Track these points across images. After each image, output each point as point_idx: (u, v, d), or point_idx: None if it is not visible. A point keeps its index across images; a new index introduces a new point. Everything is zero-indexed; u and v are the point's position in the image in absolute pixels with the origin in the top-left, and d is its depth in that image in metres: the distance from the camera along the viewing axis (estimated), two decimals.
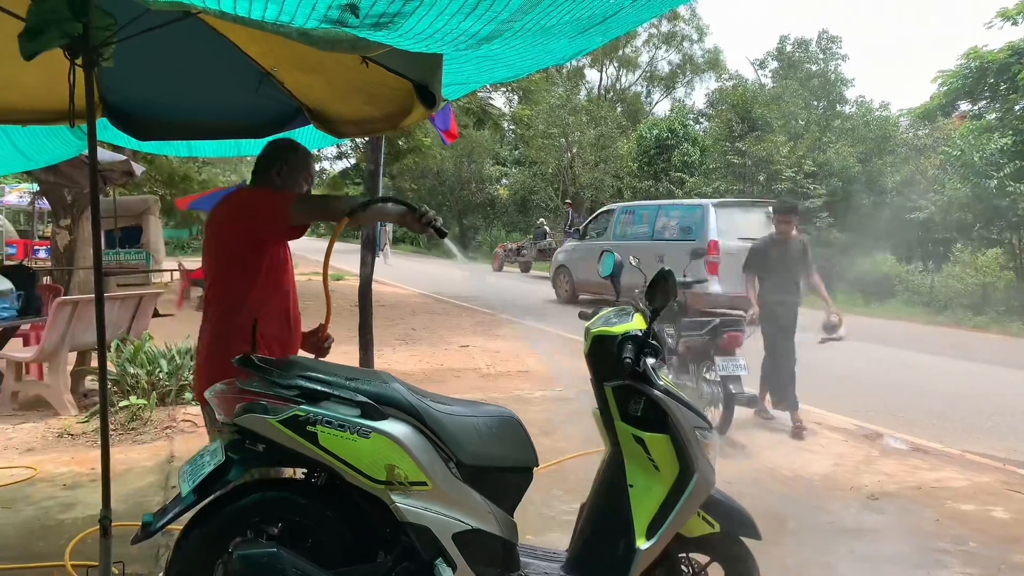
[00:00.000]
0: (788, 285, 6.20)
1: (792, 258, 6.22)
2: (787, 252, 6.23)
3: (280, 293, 2.95)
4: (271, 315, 2.91)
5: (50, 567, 3.53)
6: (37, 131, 3.85)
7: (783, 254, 6.26)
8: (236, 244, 2.83)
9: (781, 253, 6.27)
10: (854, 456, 5.69)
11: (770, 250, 6.35)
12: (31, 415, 6.18)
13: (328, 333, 3.17)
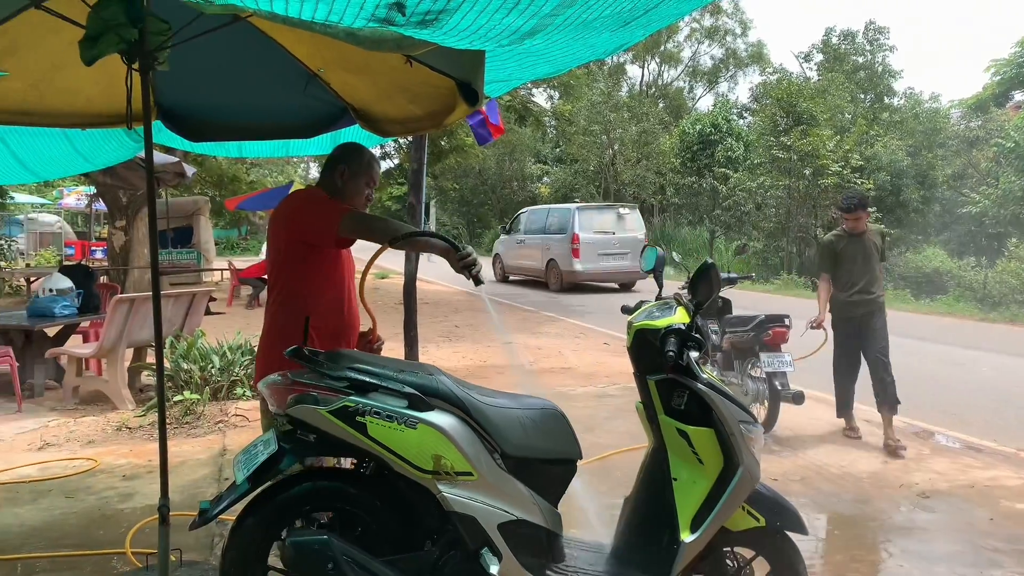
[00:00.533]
0: (868, 282, 5.84)
1: (869, 252, 5.88)
2: (864, 247, 5.87)
3: (335, 289, 3.02)
4: (325, 310, 2.98)
5: (111, 554, 3.66)
6: (96, 134, 3.99)
7: (858, 249, 5.88)
8: (290, 242, 2.93)
9: (856, 248, 5.88)
10: (904, 453, 5.58)
11: (844, 246, 5.94)
12: (91, 409, 6.40)
13: (378, 335, 3.24)
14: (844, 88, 26.82)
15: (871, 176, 21.99)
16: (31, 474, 4.81)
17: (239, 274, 15.21)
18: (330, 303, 2.99)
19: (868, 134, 23.43)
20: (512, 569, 2.42)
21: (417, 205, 7.00)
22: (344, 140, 4.51)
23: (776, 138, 23.09)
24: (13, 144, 3.89)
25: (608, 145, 34.11)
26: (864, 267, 5.84)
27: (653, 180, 33.34)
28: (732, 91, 47.74)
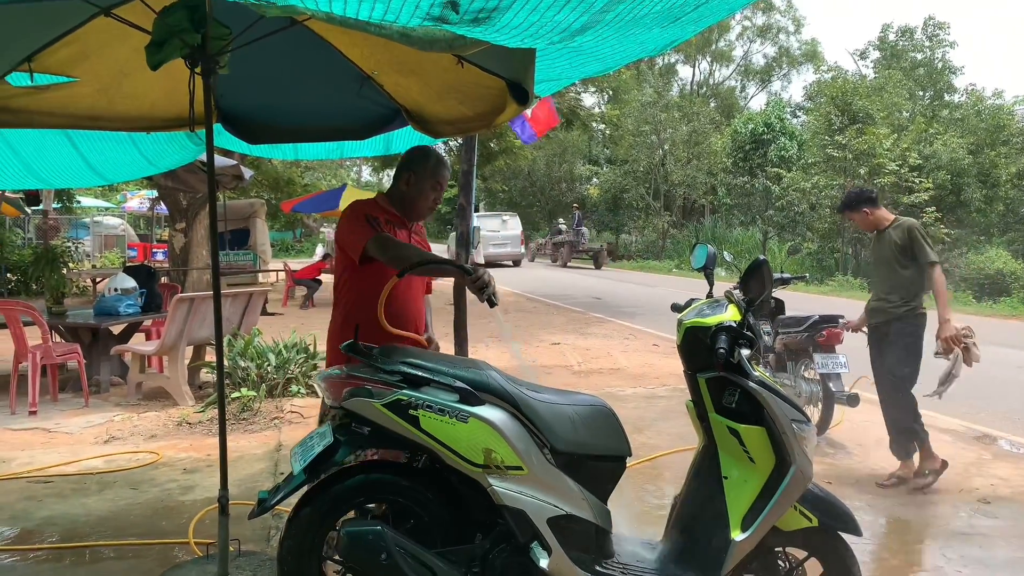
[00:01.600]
0: (887, 287, 5.01)
1: (886, 253, 4.98)
2: (881, 246, 5.06)
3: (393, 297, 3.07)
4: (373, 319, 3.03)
5: (174, 544, 3.79)
6: (159, 138, 4.14)
7: (878, 250, 5.14)
8: (339, 250, 3.10)
9: (877, 248, 5.17)
10: (963, 458, 5.44)
11: (872, 246, 5.33)
12: (153, 404, 6.62)
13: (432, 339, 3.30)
14: (902, 85, 26.16)
15: (930, 175, 21.41)
16: (98, 466, 4.99)
17: (294, 275, 15.53)
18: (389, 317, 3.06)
19: (927, 132, 22.81)
20: (562, 563, 2.44)
21: (467, 207, 7.07)
22: (397, 142, 4.62)
23: (831, 137, 22.64)
24: (83, 148, 4.06)
25: (658, 145, 33.85)
26: (882, 270, 5.12)
27: (704, 180, 32.98)
28: (785, 90, 47.13)
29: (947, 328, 4.74)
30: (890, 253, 4.93)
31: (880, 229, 5.05)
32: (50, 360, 6.52)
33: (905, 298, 4.86)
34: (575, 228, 29.26)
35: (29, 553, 3.70)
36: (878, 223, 5.04)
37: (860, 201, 5.06)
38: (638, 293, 19.03)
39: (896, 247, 4.88)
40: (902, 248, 4.85)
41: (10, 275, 15.11)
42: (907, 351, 4.83)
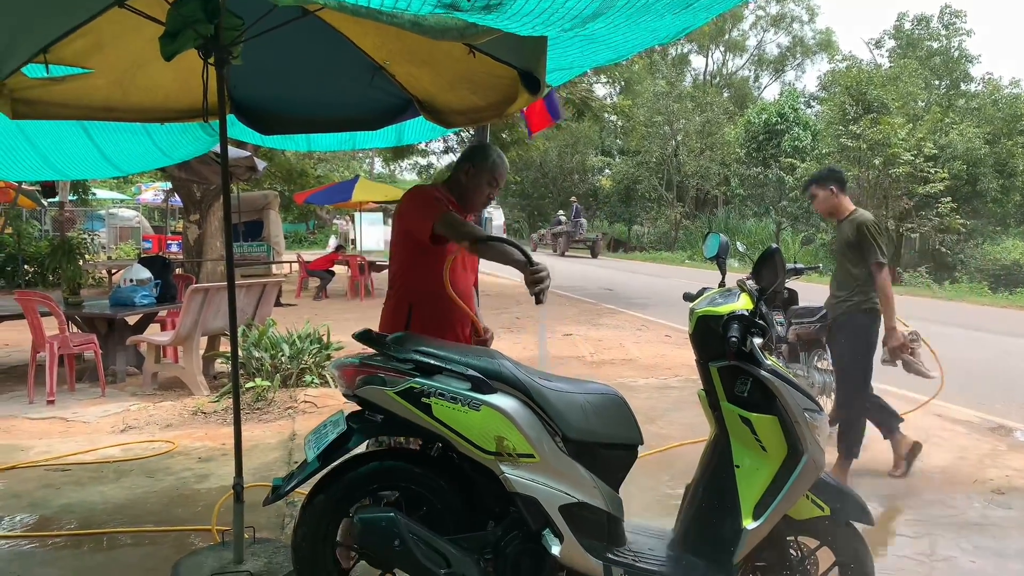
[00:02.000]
0: (838, 282, 4.77)
1: (838, 246, 4.78)
2: (838, 238, 4.83)
3: (437, 283, 3.11)
4: (427, 300, 3.11)
5: (191, 530, 3.84)
6: (173, 129, 4.17)
7: (836, 241, 4.90)
8: (400, 232, 3.14)
9: (836, 239, 4.91)
10: (978, 449, 5.41)
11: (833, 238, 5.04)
12: (168, 394, 6.68)
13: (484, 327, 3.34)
14: (917, 75, 25.89)
15: (946, 165, 21.21)
16: (114, 455, 5.05)
17: (307, 267, 15.60)
18: (431, 295, 3.11)
19: (943, 122, 22.59)
20: (573, 551, 2.45)
21: None
22: (409, 132, 4.62)
23: (845, 127, 22.46)
24: (98, 139, 4.09)
25: (671, 136, 33.71)
26: (836, 263, 4.88)
27: (717, 171, 32.84)
28: (799, 79, 46.80)
29: (893, 337, 4.55)
30: (841, 246, 4.71)
31: (838, 218, 4.76)
32: (67, 350, 6.59)
33: (855, 294, 4.59)
34: (573, 220, 30.52)
35: (48, 539, 3.75)
36: (837, 210, 4.73)
37: (830, 178, 4.74)
38: (650, 284, 19.00)
39: (846, 241, 4.64)
40: (851, 243, 4.59)
41: (27, 267, 15.27)
42: (855, 351, 4.58)
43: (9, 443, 5.26)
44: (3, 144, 4.02)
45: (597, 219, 40.02)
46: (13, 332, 8.94)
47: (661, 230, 35.44)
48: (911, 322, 5.52)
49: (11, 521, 4.01)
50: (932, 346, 4.86)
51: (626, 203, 37.53)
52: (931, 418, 6.25)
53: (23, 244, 15.79)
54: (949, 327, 11.53)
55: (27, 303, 6.63)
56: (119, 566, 3.48)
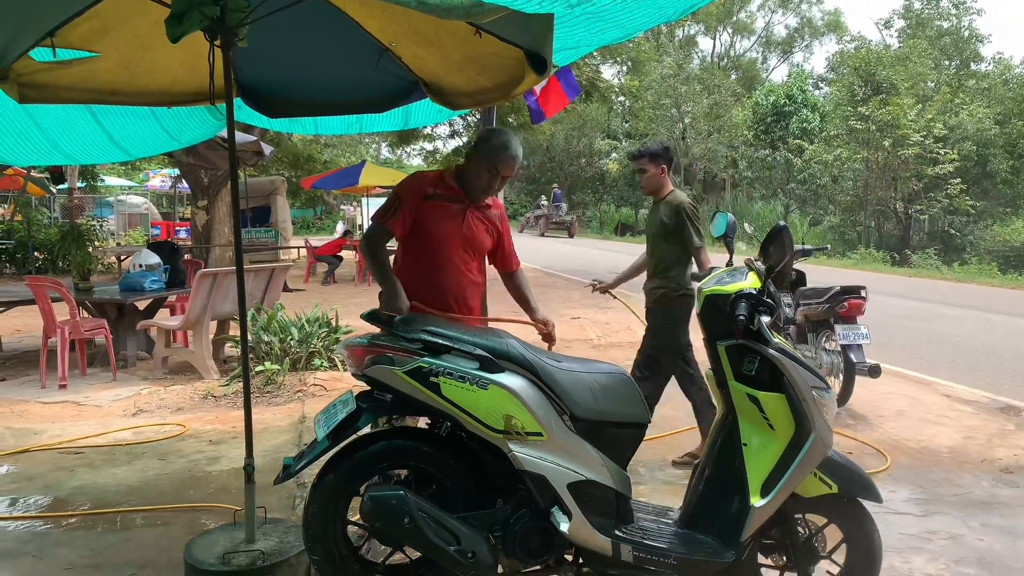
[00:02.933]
0: (653, 264, 4.57)
1: (655, 227, 4.53)
2: (654, 218, 4.58)
3: (432, 270, 3.21)
4: (422, 288, 3.17)
5: (205, 507, 3.89)
6: (180, 113, 4.17)
7: (651, 220, 4.65)
8: None
9: (651, 219, 4.68)
10: (986, 429, 5.41)
11: (648, 217, 4.80)
12: (179, 378, 6.72)
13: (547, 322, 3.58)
14: (927, 55, 25.69)
15: (955, 146, 21.07)
16: (126, 438, 5.10)
17: (315, 252, 15.63)
18: (427, 284, 3.19)
19: (952, 102, 22.43)
20: (582, 528, 2.47)
21: None
22: (416, 115, 4.62)
23: (854, 108, 22.32)
24: (106, 124, 4.10)
25: (678, 119, 33.54)
26: (650, 244, 4.65)
27: (725, 154, 32.69)
28: (807, 61, 46.48)
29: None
30: (658, 228, 4.48)
31: (658, 198, 4.55)
32: (78, 335, 6.64)
33: (670, 281, 4.42)
34: (554, 204, 33.54)
35: (62, 520, 3.80)
36: (659, 188, 4.51)
37: (663, 156, 4.49)
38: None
39: (663, 223, 4.43)
40: (668, 226, 4.39)
41: (37, 253, 15.36)
42: (670, 338, 4.45)
43: (23, 427, 5.32)
44: (12, 128, 4.03)
45: (605, 202, 39.95)
46: (25, 318, 9.00)
47: None
48: (922, 304, 5.49)
49: (26, 503, 4.06)
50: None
51: (633, 187, 37.37)
52: (939, 398, 6.26)
53: (33, 231, 15.87)
54: (958, 308, 11.49)
55: (38, 288, 6.67)
56: (133, 546, 3.52)
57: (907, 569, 3.32)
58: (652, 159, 4.48)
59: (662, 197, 4.51)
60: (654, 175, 4.49)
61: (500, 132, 3.29)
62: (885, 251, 21.59)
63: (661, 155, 4.49)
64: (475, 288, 3.36)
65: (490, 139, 3.21)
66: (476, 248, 3.32)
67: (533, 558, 2.52)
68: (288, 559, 3.08)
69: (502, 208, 3.47)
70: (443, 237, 3.21)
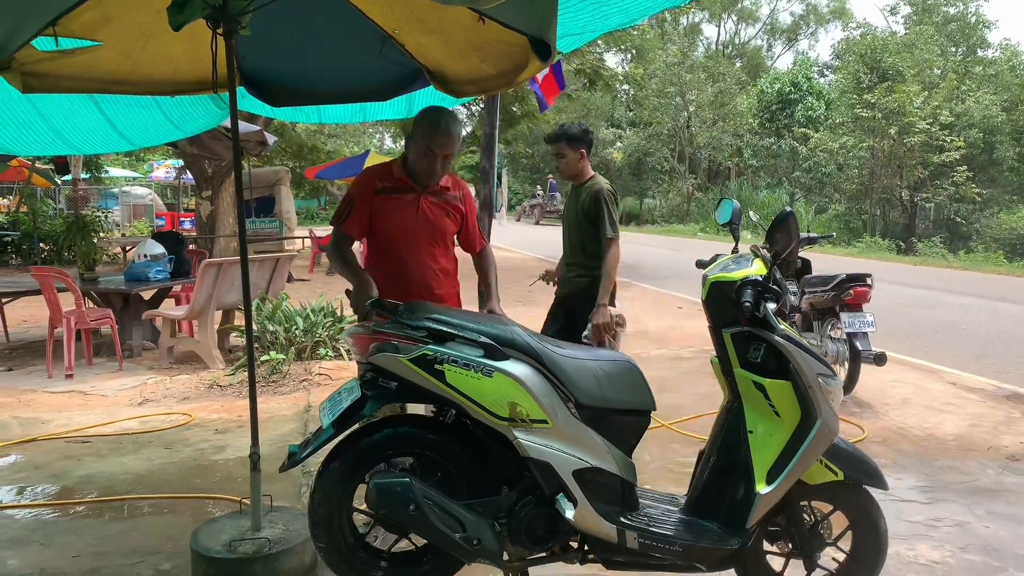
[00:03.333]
0: (575, 250, 4.38)
1: (572, 214, 4.37)
2: (573, 203, 4.39)
3: (396, 263, 3.21)
4: (390, 282, 3.16)
5: (211, 498, 3.90)
6: (184, 102, 4.16)
7: (570, 208, 4.44)
8: None
9: (570, 206, 4.46)
10: (992, 417, 5.40)
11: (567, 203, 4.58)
12: (184, 368, 6.74)
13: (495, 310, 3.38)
14: (933, 41, 25.50)
15: (961, 133, 20.96)
16: (133, 427, 5.12)
17: (319, 242, 15.63)
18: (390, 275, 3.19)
19: (959, 89, 22.30)
20: (587, 515, 2.47)
21: (490, 170, 7.06)
22: (420, 102, 4.60)
23: (859, 96, 22.21)
24: (110, 113, 4.10)
25: (683, 107, 33.40)
26: (567, 231, 4.46)
27: (730, 142, 32.56)
28: (812, 48, 46.26)
29: (601, 314, 4.13)
30: (577, 215, 4.31)
31: (577, 183, 4.37)
32: (84, 325, 6.66)
33: (593, 269, 4.22)
34: (549, 194, 35.27)
35: (70, 508, 3.82)
36: (579, 173, 4.35)
37: (584, 140, 4.30)
38: (662, 257, 18.95)
39: (582, 209, 4.25)
40: (587, 212, 4.22)
41: (43, 244, 15.39)
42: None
43: (30, 416, 5.34)
44: (16, 119, 4.03)
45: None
46: (31, 308, 9.03)
47: (673, 203, 35.28)
48: (927, 292, 5.47)
49: (33, 491, 4.08)
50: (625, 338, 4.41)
51: (637, 176, 37.33)
52: (945, 386, 6.25)
53: (38, 222, 15.90)
54: (964, 296, 11.45)
55: (43, 279, 6.69)
56: (140, 533, 3.55)
57: (912, 556, 3.32)
58: (570, 142, 4.29)
59: (582, 182, 4.32)
60: (573, 159, 4.31)
61: (431, 111, 3.19)
62: (890, 239, 21.52)
63: (580, 138, 4.30)
64: (445, 276, 3.32)
65: (422, 120, 3.13)
66: (437, 234, 3.26)
67: (538, 545, 2.52)
68: (294, 547, 3.09)
69: (464, 187, 3.39)
70: (400, 229, 3.18)
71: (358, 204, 3.17)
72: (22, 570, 3.19)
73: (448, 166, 3.22)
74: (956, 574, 3.17)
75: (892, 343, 7.35)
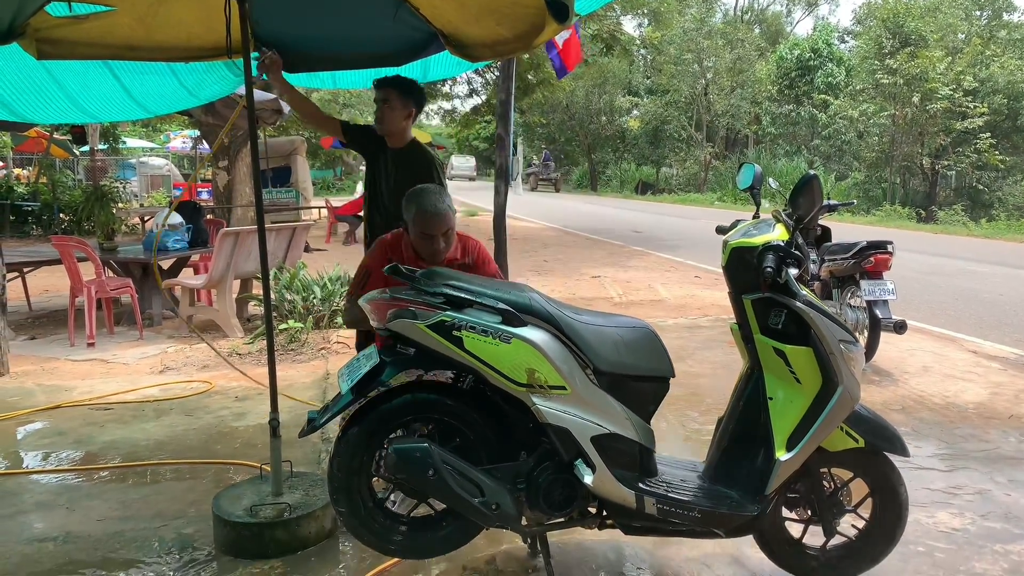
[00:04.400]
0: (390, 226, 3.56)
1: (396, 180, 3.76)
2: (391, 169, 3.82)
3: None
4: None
5: (239, 465, 3.95)
6: (198, 68, 4.13)
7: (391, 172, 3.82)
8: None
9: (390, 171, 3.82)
10: (1014, 385, 5.34)
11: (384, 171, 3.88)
12: (204, 336, 6.79)
13: None
14: (957, 5, 24.93)
15: (985, 99, 20.55)
16: (154, 394, 5.17)
17: (336, 212, 15.65)
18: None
19: (983, 54, 21.82)
20: (606, 480, 2.47)
21: (505, 137, 7.01)
22: (435, 67, 4.54)
23: (881, 61, 21.79)
24: (125, 80, 4.07)
25: (701, 74, 32.94)
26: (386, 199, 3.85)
27: (748, 110, 32.14)
28: (833, 14, 45.31)
29: None
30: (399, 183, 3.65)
31: (396, 146, 3.80)
32: (104, 294, 6.71)
33: None
34: (544, 163, 40.89)
35: (94, 473, 3.88)
36: (402, 133, 3.79)
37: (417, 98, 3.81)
38: (679, 226, 18.82)
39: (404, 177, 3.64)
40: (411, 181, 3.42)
41: (63, 215, 15.50)
42: None
43: (53, 383, 5.41)
44: (33, 86, 4.01)
45: (626, 161, 39.58)
46: (53, 278, 9.12)
47: (690, 172, 34.97)
48: (948, 260, 5.39)
49: (58, 457, 4.14)
50: None
51: (655, 144, 36.95)
52: (965, 354, 6.20)
53: (57, 193, 16.00)
54: (985, 265, 11.31)
55: (64, 247, 6.74)
56: (162, 498, 3.59)
57: (932, 523, 3.31)
58: (403, 94, 3.74)
59: (401, 146, 3.78)
60: (399, 113, 3.73)
61: (412, 196, 3.05)
62: (910, 208, 21.25)
63: (414, 93, 3.78)
64: None
65: (407, 208, 3.03)
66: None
67: (557, 510, 2.53)
68: (314, 511, 3.13)
69: (475, 248, 3.25)
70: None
71: (374, 276, 3.12)
72: (48, 533, 3.25)
73: (451, 239, 3.10)
74: (976, 541, 3.16)
75: (912, 311, 7.29)
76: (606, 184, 39.25)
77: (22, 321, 7.49)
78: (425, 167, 3.74)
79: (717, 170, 32.86)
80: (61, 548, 3.12)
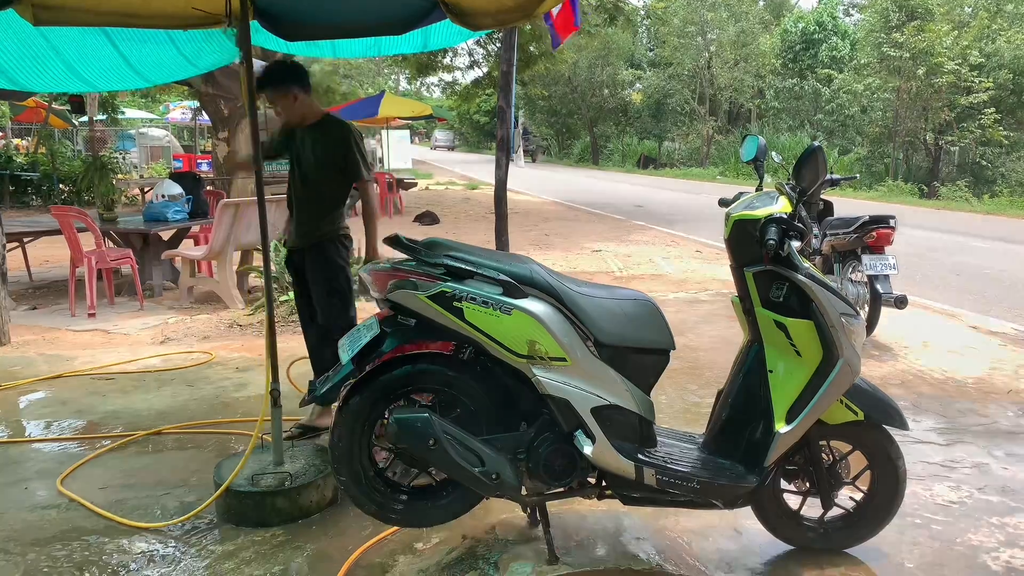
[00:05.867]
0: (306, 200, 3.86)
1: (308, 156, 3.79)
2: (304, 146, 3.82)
3: None
4: None
5: (240, 434, 3.97)
6: (197, 37, 4.09)
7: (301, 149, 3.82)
8: None
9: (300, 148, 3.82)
10: (1014, 360, 5.35)
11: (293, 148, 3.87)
12: (204, 308, 6.80)
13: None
14: None
15: (991, 74, 20.37)
16: (156, 365, 5.19)
17: None
18: None
19: (990, 28, 21.57)
20: (605, 451, 2.48)
21: (507, 109, 6.95)
22: (435, 37, 4.49)
23: (887, 35, 21.55)
24: (124, 49, 4.04)
25: (704, 47, 32.61)
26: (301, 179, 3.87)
27: (751, 83, 31.86)
28: None
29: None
30: (310, 159, 3.75)
31: (307, 123, 3.78)
32: (104, 264, 6.70)
33: (326, 221, 3.81)
34: (523, 136, 41.90)
35: (96, 442, 3.90)
36: (307, 113, 3.78)
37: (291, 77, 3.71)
38: (681, 201, 18.77)
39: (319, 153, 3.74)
40: (327, 156, 3.73)
41: (62, 186, 15.44)
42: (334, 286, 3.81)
43: (55, 353, 5.43)
44: (31, 54, 3.98)
45: (628, 135, 39.33)
46: (53, 248, 9.10)
47: (692, 146, 34.77)
48: (950, 236, 5.38)
49: (60, 425, 4.16)
50: None
51: (657, 118, 36.70)
52: (966, 329, 6.20)
53: (57, 163, 15.93)
54: (987, 241, 11.28)
55: (64, 218, 6.71)
56: (164, 467, 3.62)
57: (929, 496, 3.34)
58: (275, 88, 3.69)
59: (313, 122, 3.78)
60: (287, 101, 3.70)
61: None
62: (913, 183, 21.16)
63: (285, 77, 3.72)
64: None
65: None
66: None
67: (557, 480, 2.54)
68: (315, 481, 3.15)
69: None
70: None
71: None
72: (51, 501, 3.27)
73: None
74: (973, 514, 3.18)
75: (913, 287, 7.28)
76: (608, 158, 39.02)
77: (23, 291, 7.49)
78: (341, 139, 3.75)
79: (720, 144, 32.66)
80: (64, 515, 3.15)
